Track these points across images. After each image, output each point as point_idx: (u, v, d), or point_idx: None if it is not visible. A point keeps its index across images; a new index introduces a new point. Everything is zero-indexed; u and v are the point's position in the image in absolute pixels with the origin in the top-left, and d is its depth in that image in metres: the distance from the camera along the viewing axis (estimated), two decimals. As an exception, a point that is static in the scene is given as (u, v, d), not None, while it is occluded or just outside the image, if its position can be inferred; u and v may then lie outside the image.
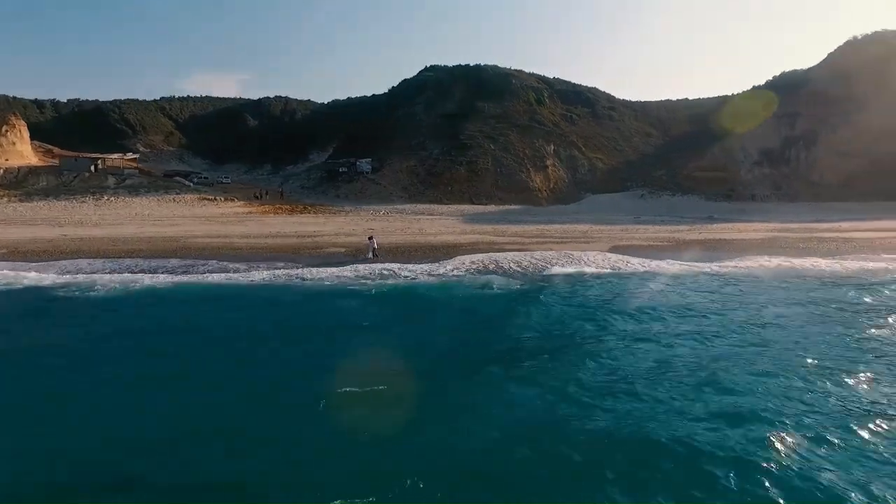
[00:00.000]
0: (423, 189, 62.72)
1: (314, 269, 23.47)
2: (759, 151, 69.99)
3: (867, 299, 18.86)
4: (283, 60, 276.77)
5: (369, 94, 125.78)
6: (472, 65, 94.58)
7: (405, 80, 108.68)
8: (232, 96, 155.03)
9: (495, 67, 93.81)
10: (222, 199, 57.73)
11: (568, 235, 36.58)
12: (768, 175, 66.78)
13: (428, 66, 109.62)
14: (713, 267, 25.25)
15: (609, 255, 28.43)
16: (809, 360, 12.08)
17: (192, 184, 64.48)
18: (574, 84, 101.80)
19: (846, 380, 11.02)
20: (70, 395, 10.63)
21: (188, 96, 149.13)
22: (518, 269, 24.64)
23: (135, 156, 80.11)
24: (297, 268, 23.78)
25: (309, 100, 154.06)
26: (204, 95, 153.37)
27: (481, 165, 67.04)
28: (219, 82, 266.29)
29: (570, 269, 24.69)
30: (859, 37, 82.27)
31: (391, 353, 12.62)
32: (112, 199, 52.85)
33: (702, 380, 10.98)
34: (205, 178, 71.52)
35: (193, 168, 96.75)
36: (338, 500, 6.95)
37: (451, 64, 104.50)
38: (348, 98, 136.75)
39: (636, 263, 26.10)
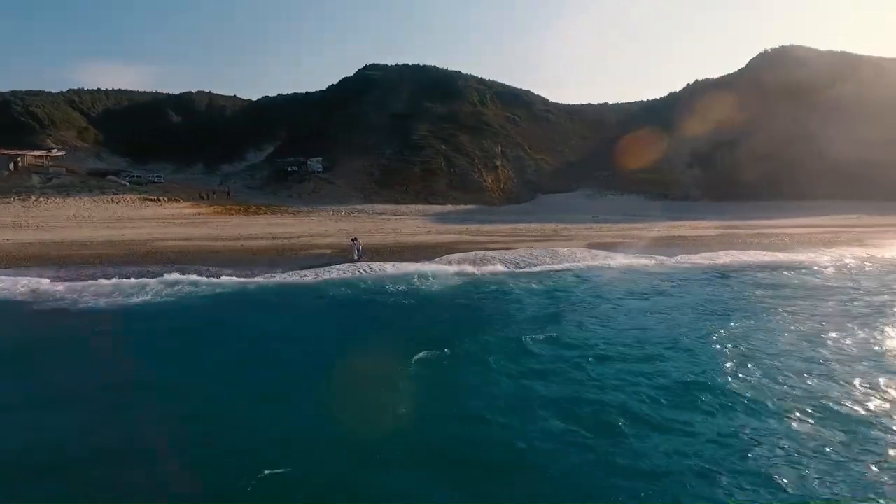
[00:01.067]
0: (378, 189, 62.13)
1: (332, 269, 23.15)
2: (689, 154, 75.41)
3: (836, 284, 21.28)
4: (199, 55, 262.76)
5: (303, 92, 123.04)
6: (419, 64, 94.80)
7: (346, 78, 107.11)
8: (145, 90, 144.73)
9: (436, 68, 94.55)
10: (166, 199, 54.23)
11: (542, 234, 37.78)
12: (699, 176, 72.17)
13: (368, 64, 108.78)
14: (695, 260, 27.31)
15: (596, 251, 29.76)
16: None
17: (127, 183, 60.00)
18: (510, 86, 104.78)
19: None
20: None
21: (99, 89, 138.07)
22: (521, 265, 25.31)
23: (61, 153, 73.30)
24: (319, 269, 23.39)
25: (235, 95, 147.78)
26: (117, 88, 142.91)
27: (435, 166, 67.43)
28: (119, 73, 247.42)
29: (567, 265, 25.74)
30: (769, 49, 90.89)
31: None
32: (41, 199, 48.09)
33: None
34: (137, 176, 66.77)
35: (111, 167, 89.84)
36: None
37: (390, 63, 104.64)
38: (279, 95, 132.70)
39: (621, 259, 27.60)
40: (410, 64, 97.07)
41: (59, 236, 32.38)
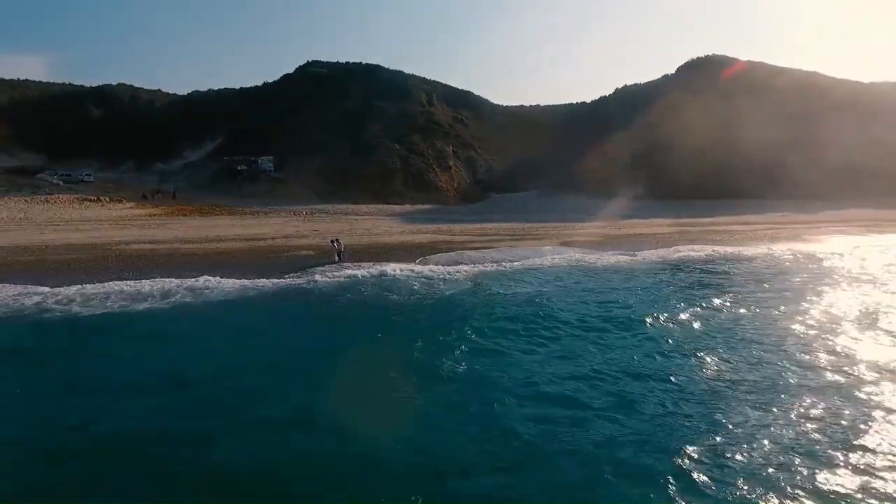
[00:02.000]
0: (333, 189, 61.02)
1: (325, 271, 22.89)
2: (629, 155, 79.48)
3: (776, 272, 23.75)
4: (110, 45, 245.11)
5: (237, 88, 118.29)
6: (362, 63, 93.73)
7: (288, 74, 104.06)
8: (56, 81, 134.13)
9: (383, 67, 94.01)
10: (107, 199, 50.68)
11: (514, 233, 38.88)
12: (640, 177, 76.14)
13: (310, 60, 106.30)
14: (664, 255, 29.40)
15: (573, 249, 31.15)
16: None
17: (61, 182, 55.46)
18: (453, 87, 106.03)
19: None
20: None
21: (2, 79, 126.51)
22: (514, 263, 26.09)
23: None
24: (311, 270, 22.99)
25: (159, 90, 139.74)
26: (23, 79, 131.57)
27: (391, 165, 67.17)
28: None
29: (554, 261, 26.88)
30: (702, 56, 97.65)
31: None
32: (-39, 201, 43.62)
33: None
34: (68, 175, 61.81)
35: (26, 164, 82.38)
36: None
37: (331, 60, 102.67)
38: (210, 90, 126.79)
39: (605, 256, 29.10)
40: (353, 62, 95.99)
41: (6, 240, 29.69)
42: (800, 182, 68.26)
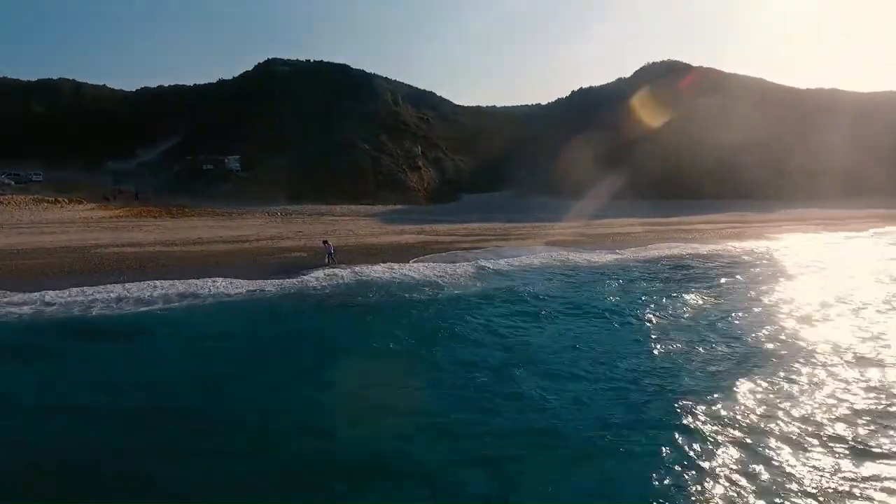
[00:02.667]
0: (303, 189, 59.90)
1: (332, 273, 22.61)
2: (593, 156, 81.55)
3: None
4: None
5: (190, 84, 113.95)
6: (331, 62, 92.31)
7: (246, 72, 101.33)
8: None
9: (348, 66, 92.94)
10: (66, 200, 48.05)
11: (496, 233, 39.39)
12: (605, 177, 78.30)
13: (270, 58, 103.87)
14: (645, 254, 30.61)
15: (560, 249, 31.91)
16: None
17: (13, 182, 52.12)
18: (416, 87, 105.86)
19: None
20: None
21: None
22: (511, 262, 26.51)
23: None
24: (310, 272, 22.70)
25: (105, 85, 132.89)
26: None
27: (361, 165, 66.53)
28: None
29: (545, 260, 27.51)
30: (655, 62, 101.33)
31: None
32: None
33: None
34: (17, 175, 58.15)
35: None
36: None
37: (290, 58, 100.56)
38: (161, 87, 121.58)
39: (586, 256, 29.87)
40: (316, 60, 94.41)
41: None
42: (754, 183, 72.05)
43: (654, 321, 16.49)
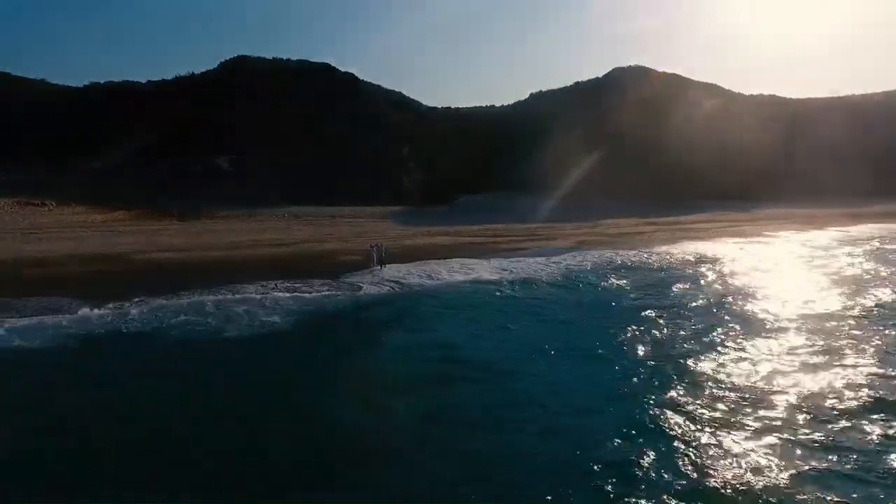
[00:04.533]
0: (302, 191, 58.34)
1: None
2: (571, 156, 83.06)
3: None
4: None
5: (143, 81, 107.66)
6: (290, 59, 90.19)
7: (211, 69, 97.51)
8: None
9: (329, 65, 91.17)
10: (53, 203, 44.99)
11: (521, 234, 39.77)
12: (588, 178, 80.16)
13: (238, 55, 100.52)
14: (676, 251, 31.66)
15: (598, 248, 32.64)
16: None
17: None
18: (388, 88, 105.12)
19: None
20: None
21: None
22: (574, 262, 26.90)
23: None
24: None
25: (44, 80, 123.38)
26: None
27: (356, 166, 65.51)
28: None
29: (597, 259, 28.06)
30: (625, 67, 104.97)
31: None
32: None
33: None
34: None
35: None
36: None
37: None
38: (111, 82, 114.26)
39: (629, 255, 30.52)
40: (297, 59, 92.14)
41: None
42: (734, 184, 76.19)
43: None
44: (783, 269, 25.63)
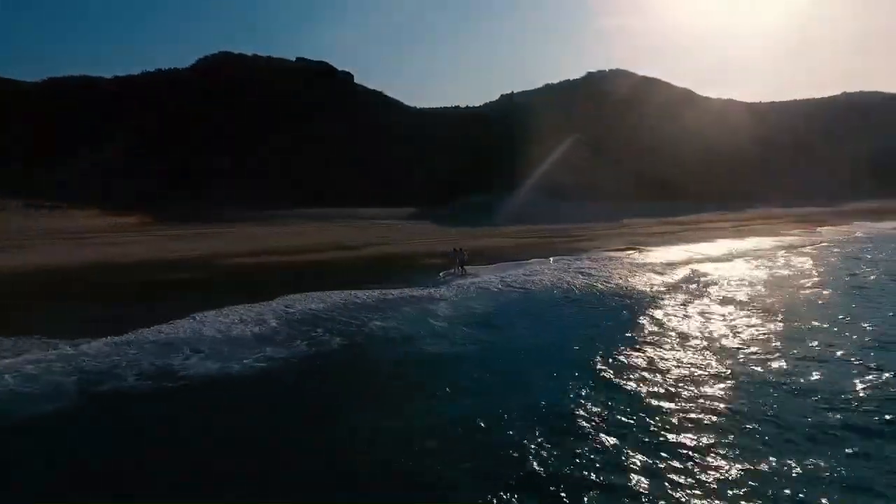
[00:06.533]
0: (311, 191, 56.62)
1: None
2: (560, 156, 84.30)
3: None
4: None
5: (108, 77, 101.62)
6: (276, 57, 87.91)
7: (193, 66, 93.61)
8: None
9: (327, 63, 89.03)
10: (65, 206, 42.05)
11: (571, 235, 39.83)
12: (578, 178, 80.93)
13: (220, 52, 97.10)
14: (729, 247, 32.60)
15: (661, 247, 33.16)
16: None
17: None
18: (379, 91, 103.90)
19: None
20: None
21: None
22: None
23: None
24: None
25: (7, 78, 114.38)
26: None
27: (363, 167, 64.20)
28: None
29: (669, 259, 28.46)
30: (606, 70, 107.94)
31: None
32: None
33: None
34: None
35: None
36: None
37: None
38: (70, 76, 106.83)
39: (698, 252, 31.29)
40: (300, 58, 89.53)
41: (59, 259, 23.69)
42: (700, 186, 79.75)
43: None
44: None
